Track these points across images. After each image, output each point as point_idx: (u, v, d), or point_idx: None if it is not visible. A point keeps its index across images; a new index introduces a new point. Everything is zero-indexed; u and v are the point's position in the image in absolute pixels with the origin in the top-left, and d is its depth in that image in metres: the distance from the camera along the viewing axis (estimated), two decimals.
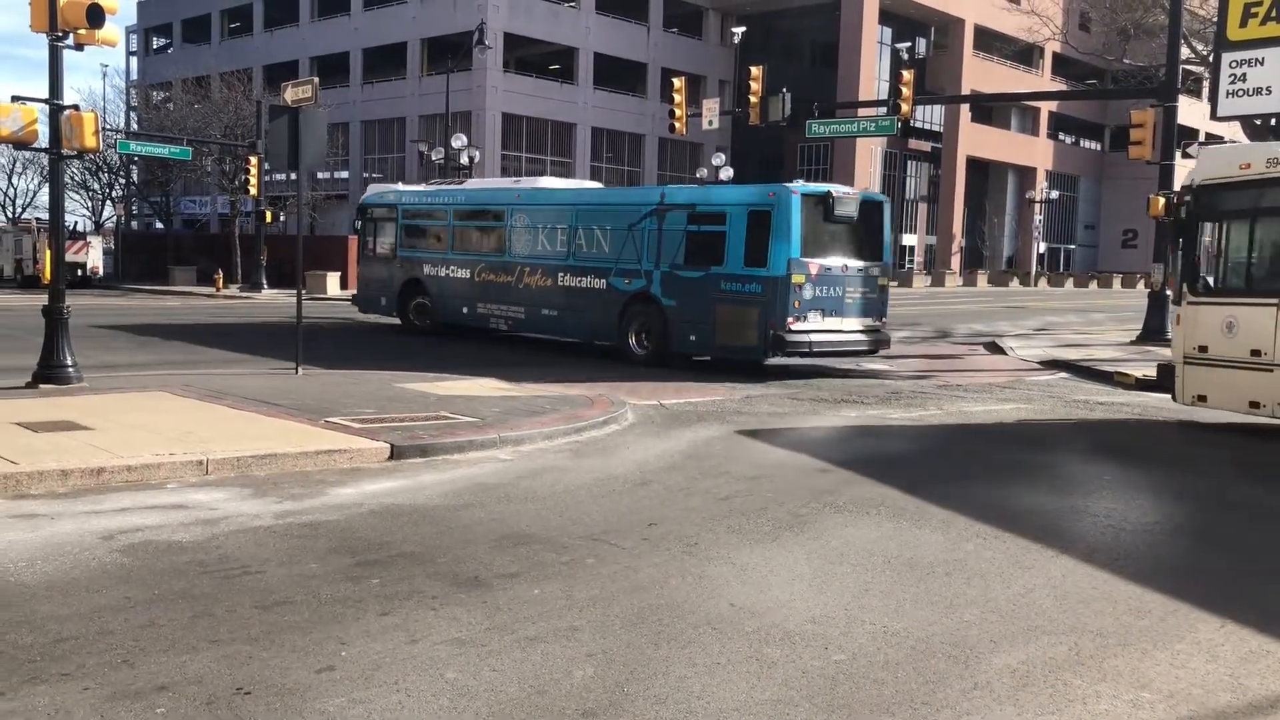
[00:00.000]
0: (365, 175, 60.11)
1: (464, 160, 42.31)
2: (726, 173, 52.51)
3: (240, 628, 4.95)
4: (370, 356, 17.55)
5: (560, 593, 5.60)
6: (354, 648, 4.74)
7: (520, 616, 5.21)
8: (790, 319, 15.90)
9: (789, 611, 5.38)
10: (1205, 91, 23.82)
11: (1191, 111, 36.02)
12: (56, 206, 12.77)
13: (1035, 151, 74.82)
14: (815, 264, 16.19)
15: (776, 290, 15.91)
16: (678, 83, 28.39)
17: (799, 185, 16.98)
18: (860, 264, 16.86)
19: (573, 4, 58.60)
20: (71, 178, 54.48)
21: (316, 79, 15.46)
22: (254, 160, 38.68)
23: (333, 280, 38.78)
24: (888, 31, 64.31)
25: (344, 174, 60.35)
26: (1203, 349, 11.69)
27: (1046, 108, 74.36)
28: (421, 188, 24.31)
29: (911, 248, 71.63)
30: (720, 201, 17.71)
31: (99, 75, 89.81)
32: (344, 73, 61.07)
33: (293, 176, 16.77)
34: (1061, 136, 79.81)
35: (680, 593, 5.65)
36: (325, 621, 5.07)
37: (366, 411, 10.85)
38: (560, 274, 19.29)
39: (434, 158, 44.02)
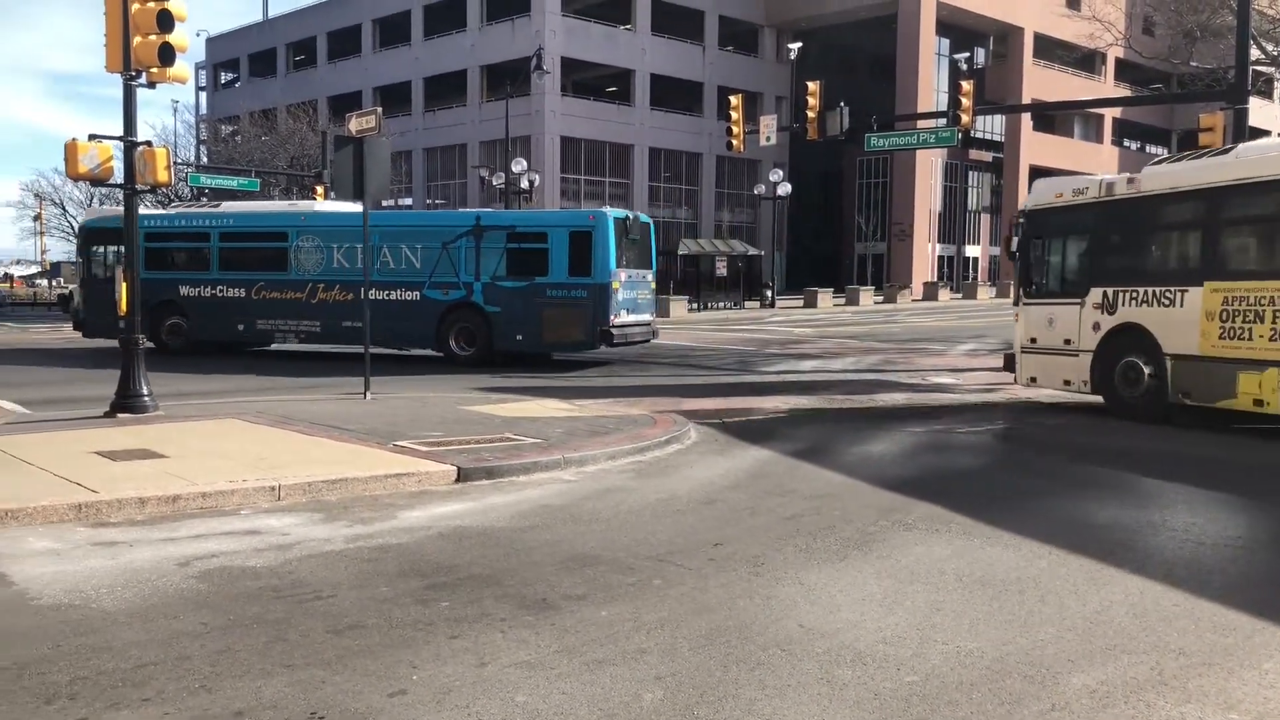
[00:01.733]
0: (429, 201, 61.07)
1: (524, 184, 42.73)
2: (785, 188, 52.39)
3: (313, 652, 5.02)
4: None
5: (628, 615, 5.59)
6: (425, 671, 4.77)
7: (588, 639, 5.21)
8: (612, 316, 19.73)
9: (859, 632, 5.32)
10: (1277, 92, 23.20)
11: (1263, 113, 35.22)
12: (131, 240, 13.12)
13: (1099, 159, 73.53)
14: (624, 273, 20.22)
15: (601, 295, 19.70)
16: (734, 100, 28.39)
17: (610, 210, 20.63)
18: (644, 272, 21.38)
19: (629, 26, 59.03)
20: None
21: (380, 108, 15.70)
22: (320, 190, 39.44)
23: None
24: (945, 43, 63.80)
25: (407, 201, 61.35)
26: (1034, 340, 14.58)
27: (1110, 114, 73.13)
28: (164, 210, 24.70)
29: (975, 259, 70.76)
30: (541, 223, 21.72)
31: (170, 110, 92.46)
32: (406, 101, 62.16)
33: (358, 205, 17.11)
34: (1126, 143, 78.41)
35: (748, 614, 5.61)
36: (396, 645, 5.12)
37: (433, 434, 10.96)
38: (364, 289, 20.58)
39: (494, 182, 44.51)
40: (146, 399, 12.69)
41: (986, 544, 7.09)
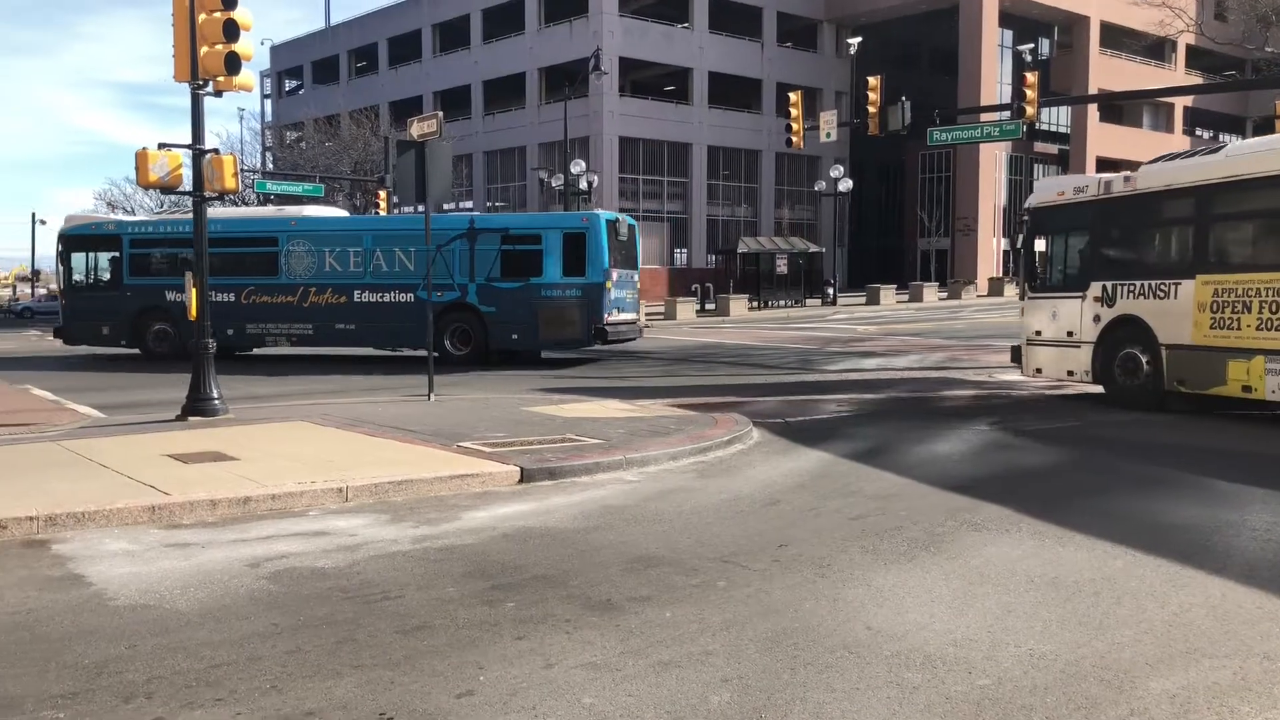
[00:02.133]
0: (489, 204, 61.53)
1: (583, 185, 42.88)
2: (845, 184, 51.97)
3: (382, 652, 5.06)
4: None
5: (692, 616, 5.56)
6: (492, 672, 4.79)
7: (653, 640, 5.19)
8: (606, 315, 20.66)
9: (929, 634, 5.23)
10: None
11: None
12: (200, 247, 13.38)
13: (1170, 149, 71.34)
14: (615, 272, 21.08)
15: (595, 294, 20.63)
16: (794, 97, 28.19)
17: (601, 212, 21.90)
18: (631, 272, 22.24)
19: (686, 25, 58.94)
20: None
21: (440, 113, 15.84)
22: (383, 194, 39.95)
23: None
24: (1008, 34, 62.80)
25: (468, 204, 61.85)
26: (1038, 333, 15.12)
27: (1181, 103, 71.39)
28: (146, 218, 24.87)
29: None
30: (535, 225, 22.25)
31: (236, 118, 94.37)
32: (466, 105, 62.70)
33: (420, 209, 17.38)
34: (1199, 132, 76.42)
35: (814, 616, 5.55)
36: (463, 646, 5.14)
37: (496, 435, 11.03)
38: (357, 291, 22.06)
39: (554, 184, 44.69)
40: (216, 402, 12.94)
41: (1058, 545, 6.94)
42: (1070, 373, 14.58)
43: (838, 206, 54.70)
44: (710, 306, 44.85)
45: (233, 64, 12.41)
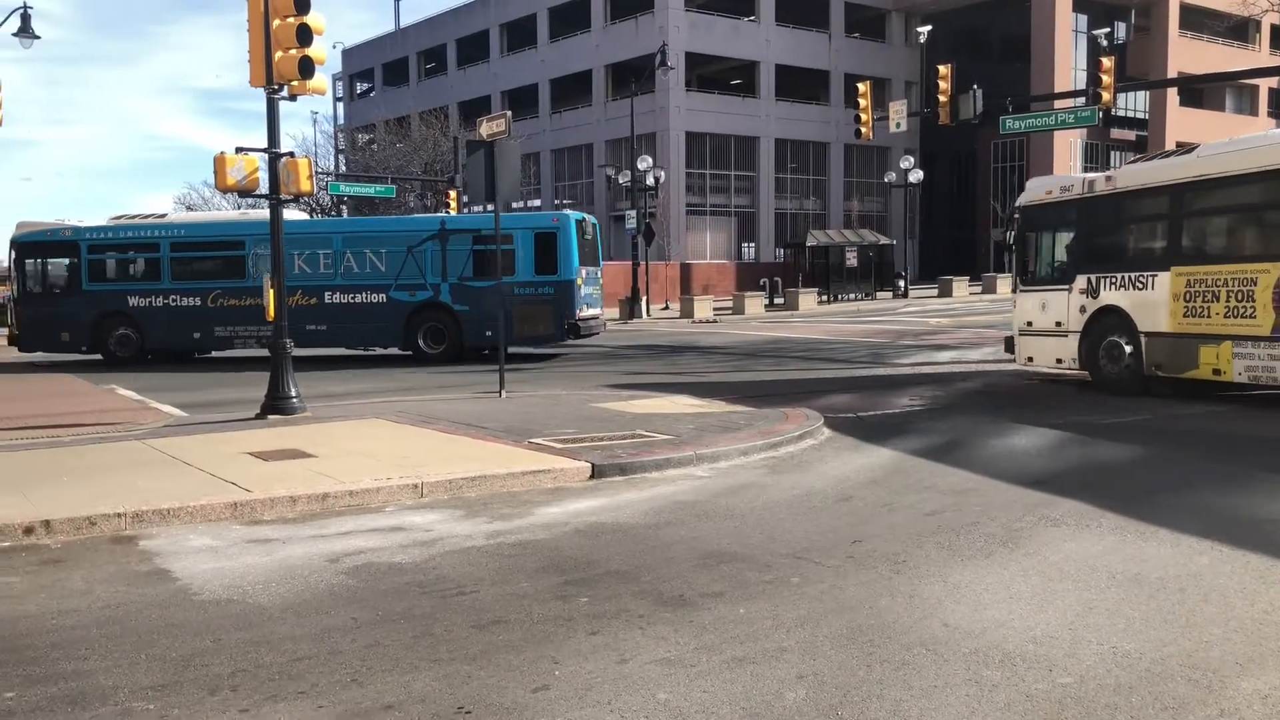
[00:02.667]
0: (556, 202, 61.84)
1: (650, 181, 42.89)
2: (916, 175, 51.31)
3: (458, 647, 5.12)
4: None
5: (766, 612, 5.54)
6: (566, 667, 4.82)
7: (727, 636, 5.18)
8: (578, 310, 21.63)
9: (1007, 631, 5.14)
10: None
11: None
12: (277, 249, 13.64)
13: (1254, 132, 69.57)
14: (584, 270, 22.09)
15: (568, 291, 21.52)
16: (862, 87, 27.89)
17: (570, 213, 22.68)
18: (595, 270, 23.36)
19: (752, 18, 58.64)
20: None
21: (509, 112, 15.97)
22: (453, 194, 40.37)
23: None
24: (1082, 19, 61.39)
25: (536, 202, 62.24)
26: (1029, 324, 15.81)
27: (1266, 85, 69.01)
28: (105, 223, 24.77)
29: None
30: (506, 225, 21.68)
31: (309, 122, 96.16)
32: (533, 104, 63.10)
33: (489, 208, 17.56)
34: None
35: (890, 613, 5.49)
36: (538, 640, 5.19)
37: (567, 432, 11.09)
38: (327, 293, 22.47)
39: (621, 181, 44.74)
40: (295, 401, 13.20)
41: (1139, 540, 6.78)
42: (1059, 360, 15.25)
43: (908, 198, 54.00)
44: (779, 301, 44.59)
45: (306, 68, 12.64)
